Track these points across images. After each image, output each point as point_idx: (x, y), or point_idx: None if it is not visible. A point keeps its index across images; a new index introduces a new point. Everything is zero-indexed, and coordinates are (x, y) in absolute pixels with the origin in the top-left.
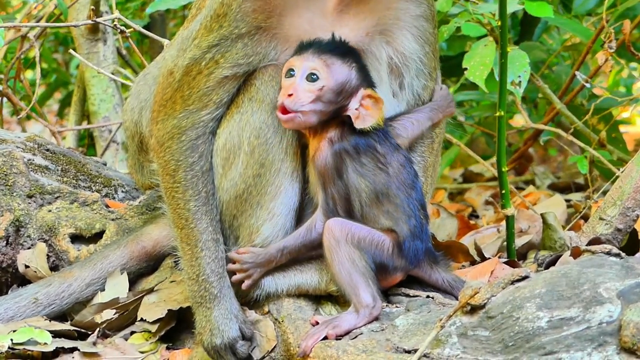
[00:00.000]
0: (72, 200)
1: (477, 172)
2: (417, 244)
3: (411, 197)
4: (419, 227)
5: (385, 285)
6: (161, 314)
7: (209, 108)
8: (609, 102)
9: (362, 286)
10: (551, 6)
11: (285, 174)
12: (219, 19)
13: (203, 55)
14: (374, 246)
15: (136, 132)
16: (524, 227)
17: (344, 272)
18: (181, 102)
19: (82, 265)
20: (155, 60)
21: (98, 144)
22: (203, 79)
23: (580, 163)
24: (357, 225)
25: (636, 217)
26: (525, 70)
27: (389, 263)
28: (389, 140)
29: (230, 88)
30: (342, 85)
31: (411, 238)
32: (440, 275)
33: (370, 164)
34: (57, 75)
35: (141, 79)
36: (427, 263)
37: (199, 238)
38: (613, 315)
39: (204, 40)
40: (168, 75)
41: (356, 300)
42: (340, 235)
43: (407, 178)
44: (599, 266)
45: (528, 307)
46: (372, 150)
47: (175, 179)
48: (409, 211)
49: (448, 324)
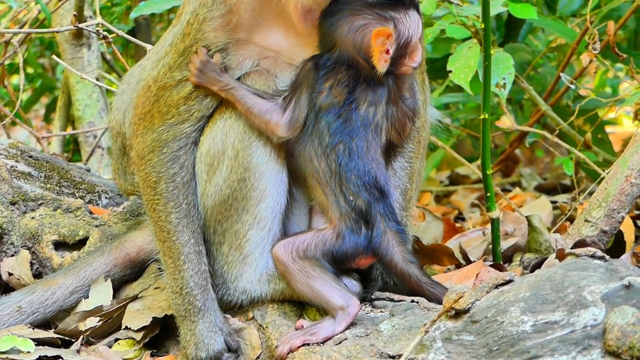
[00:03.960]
0: (55, 207)
1: (463, 174)
2: (361, 233)
3: (360, 173)
4: (364, 214)
5: (357, 267)
6: (145, 321)
7: (191, 121)
8: (595, 103)
9: (325, 291)
10: (535, 8)
11: (270, 177)
12: (184, 38)
13: (173, 72)
14: (321, 244)
15: (119, 133)
16: (510, 230)
17: (303, 288)
18: (159, 116)
19: (66, 272)
20: (138, 62)
21: (83, 150)
22: (179, 94)
23: (565, 165)
24: (299, 238)
25: (621, 219)
26: (509, 72)
27: (343, 251)
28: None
29: (211, 103)
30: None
31: (357, 224)
32: (401, 261)
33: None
34: (43, 80)
35: (126, 79)
36: (392, 247)
37: (182, 251)
38: (597, 318)
39: (174, 58)
40: (146, 88)
41: (327, 306)
42: (285, 257)
43: (359, 147)
44: (583, 269)
45: (512, 311)
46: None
47: (156, 191)
48: (355, 192)
49: (432, 328)
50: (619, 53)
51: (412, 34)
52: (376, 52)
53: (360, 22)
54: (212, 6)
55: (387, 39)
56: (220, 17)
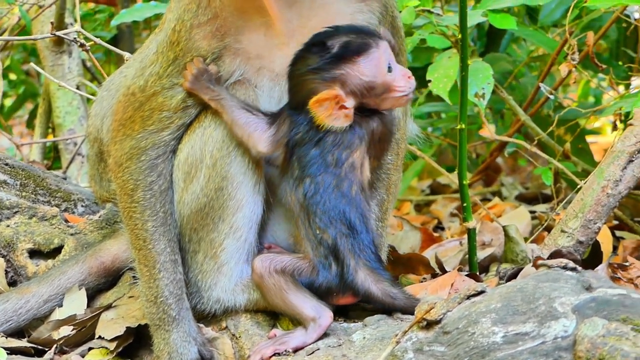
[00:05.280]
0: (30, 215)
1: (444, 183)
2: (335, 268)
3: (327, 208)
4: (334, 247)
5: (340, 304)
6: (119, 331)
7: (170, 129)
8: (575, 113)
9: (298, 303)
10: (517, 18)
11: (247, 186)
12: (172, 46)
13: (162, 80)
14: (297, 272)
15: (96, 139)
16: (487, 240)
17: (277, 300)
18: (140, 122)
19: (40, 281)
20: (119, 69)
21: (63, 157)
22: (165, 102)
23: (544, 175)
24: (278, 257)
25: (598, 229)
26: (488, 82)
27: (319, 286)
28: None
29: (193, 112)
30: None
31: (326, 260)
32: (383, 297)
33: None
34: (26, 87)
35: (106, 86)
36: (368, 285)
37: (157, 259)
38: (568, 330)
39: (164, 66)
40: (129, 94)
41: (300, 317)
42: (261, 269)
43: (326, 182)
44: (554, 280)
45: (483, 322)
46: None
47: (133, 199)
48: (322, 228)
49: (404, 339)
50: (599, 64)
51: (373, 76)
52: (323, 118)
53: (308, 87)
54: (197, 11)
55: (334, 100)
56: (207, 23)
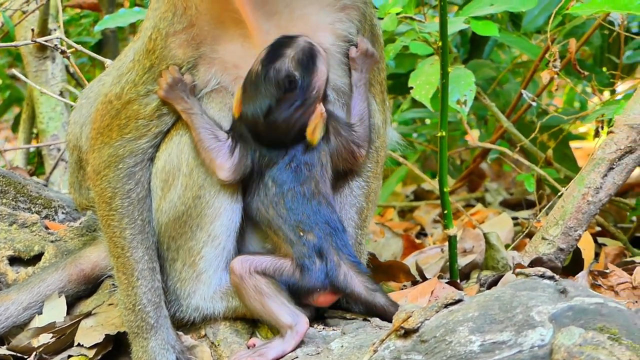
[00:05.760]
0: (11, 222)
1: (428, 189)
2: (319, 265)
3: (309, 213)
4: (319, 246)
5: (320, 305)
6: (98, 338)
7: (148, 137)
8: (558, 120)
9: (276, 309)
10: (499, 25)
11: (225, 195)
12: (149, 54)
13: (138, 87)
14: (278, 272)
15: (76, 147)
16: (468, 247)
17: (255, 304)
18: (118, 130)
19: (20, 288)
20: (98, 77)
21: (47, 163)
22: (140, 109)
23: (527, 181)
24: (258, 258)
25: (578, 236)
26: (470, 89)
27: (301, 285)
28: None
29: (170, 120)
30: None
31: (310, 259)
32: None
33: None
34: (11, 91)
35: (85, 94)
36: (350, 278)
37: (135, 267)
38: (545, 339)
39: (139, 74)
40: (106, 102)
41: (277, 324)
42: (241, 270)
43: (307, 190)
44: (532, 289)
45: (461, 330)
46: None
47: (111, 207)
48: (307, 230)
49: (382, 347)
50: (581, 70)
51: (326, 66)
52: (317, 138)
53: (300, 123)
54: (173, 19)
55: (321, 117)
56: (182, 31)
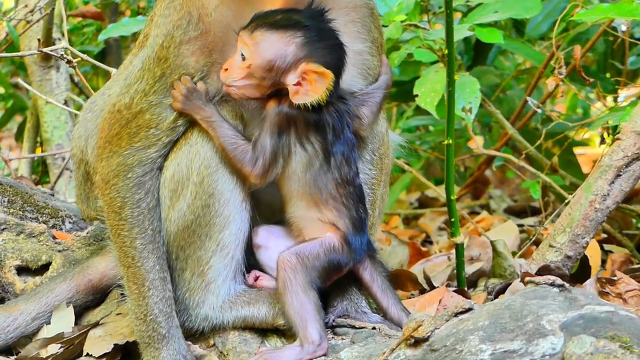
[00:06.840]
0: (18, 232)
1: (432, 197)
2: (360, 237)
3: (350, 192)
4: (360, 220)
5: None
6: (107, 348)
7: (157, 146)
8: (563, 126)
9: (311, 320)
10: (503, 31)
11: (234, 204)
12: (160, 62)
13: (149, 97)
14: (329, 253)
15: (82, 161)
16: (475, 255)
17: (296, 303)
18: (127, 139)
19: (28, 298)
20: (101, 89)
21: (52, 172)
22: (153, 119)
23: (532, 189)
24: (304, 246)
25: (586, 244)
26: (475, 96)
27: (343, 261)
28: (345, 124)
29: (181, 129)
30: (271, 62)
31: (354, 232)
32: (372, 273)
33: (316, 144)
34: (15, 100)
35: (89, 107)
36: (366, 257)
37: (146, 277)
38: (556, 347)
39: (150, 83)
40: (115, 111)
41: (303, 334)
42: (297, 263)
43: (348, 173)
44: (542, 298)
45: (471, 339)
46: (322, 130)
47: (121, 217)
48: (349, 205)
49: (392, 357)
50: (585, 77)
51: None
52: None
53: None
54: (188, 27)
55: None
56: (197, 38)
